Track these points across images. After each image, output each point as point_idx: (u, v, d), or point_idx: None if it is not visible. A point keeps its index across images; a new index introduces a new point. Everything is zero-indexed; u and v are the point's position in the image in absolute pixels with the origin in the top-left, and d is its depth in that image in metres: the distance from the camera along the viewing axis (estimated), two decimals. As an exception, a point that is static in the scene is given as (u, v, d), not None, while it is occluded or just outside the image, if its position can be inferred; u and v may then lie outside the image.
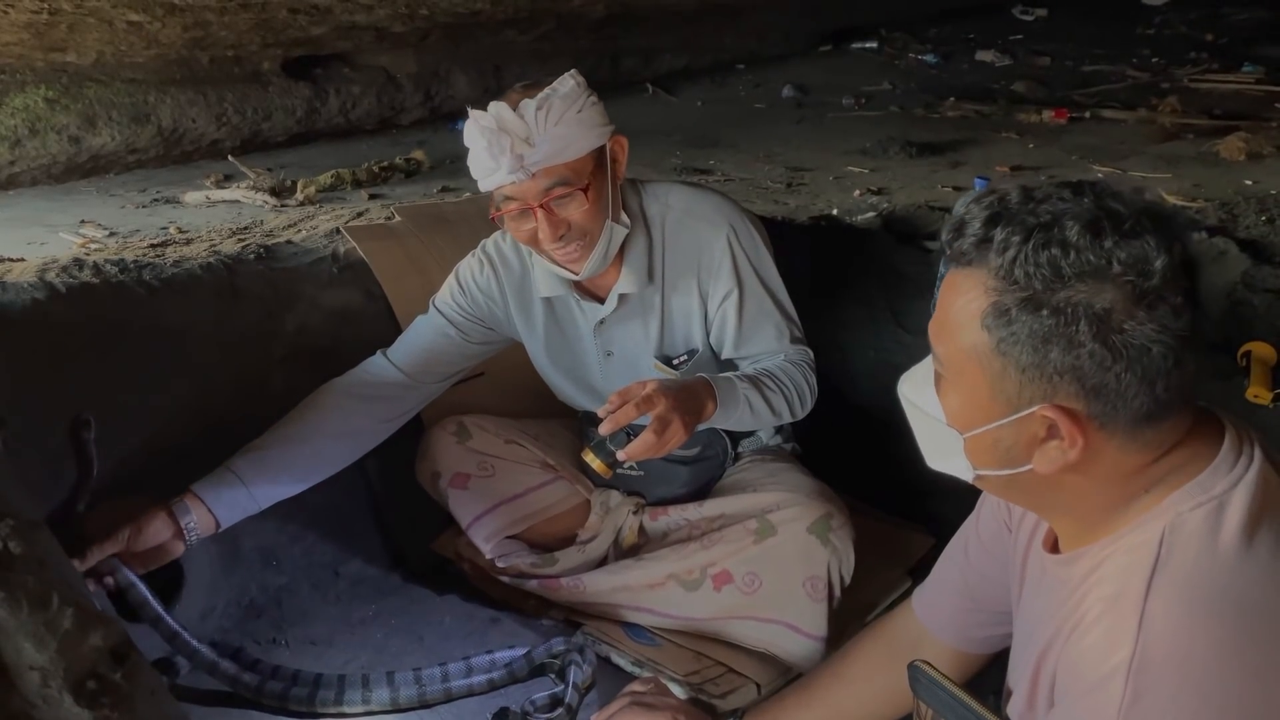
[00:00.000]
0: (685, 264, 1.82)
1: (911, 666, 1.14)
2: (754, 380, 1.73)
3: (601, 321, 1.87)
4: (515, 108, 1.58)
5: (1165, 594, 0.89)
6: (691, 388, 1.63)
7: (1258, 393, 1.94)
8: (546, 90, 1.60)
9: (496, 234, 1.93)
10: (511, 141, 1.57)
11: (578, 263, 1.72)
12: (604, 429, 1.55)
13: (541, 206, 1.63)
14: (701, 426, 1.66)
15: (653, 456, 1.58)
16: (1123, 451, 0.95)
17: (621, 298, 1.83)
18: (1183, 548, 0.91)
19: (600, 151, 1.68)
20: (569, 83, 1.62)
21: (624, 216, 1.76)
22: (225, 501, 1.66)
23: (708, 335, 1.87)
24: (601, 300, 1.85)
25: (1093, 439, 0.93)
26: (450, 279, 1.93)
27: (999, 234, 0.92)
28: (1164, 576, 0.90)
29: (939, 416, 1.03)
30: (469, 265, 1.92)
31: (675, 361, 1.87)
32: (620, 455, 1.56)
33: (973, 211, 0.95)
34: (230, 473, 1.68)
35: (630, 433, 1.57)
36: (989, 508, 1.27)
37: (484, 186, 1.66)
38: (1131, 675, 0.87)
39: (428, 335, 1.89)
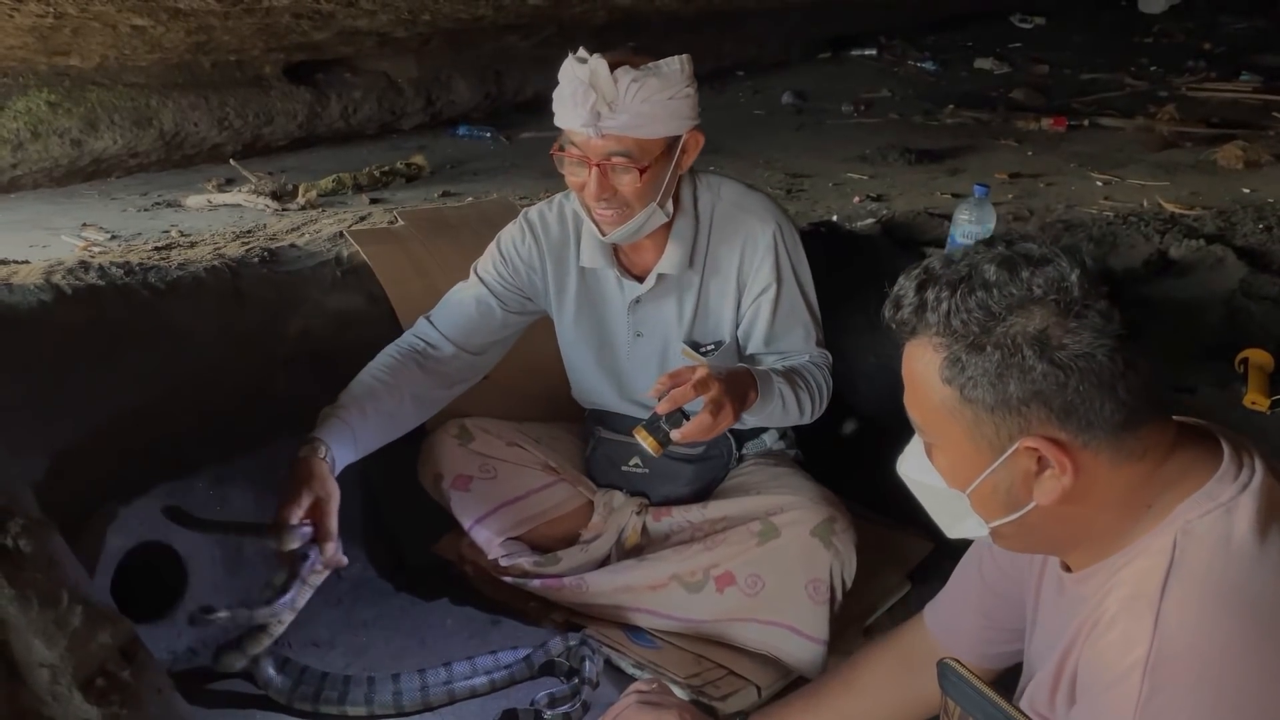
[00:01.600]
0: (728, 253, 1.86)
1: (941, 664, 1.16)
2: (787, 376, 1.76)
3: (637, 300, 1.90)
4: (614, 69, 1.60)
5: (1180, 593, 0.92)
6: (737, 375, 1.66)
7: (1255, 399, 1.95)
8: (650, 65, 1.63)
9: (541, 204, 1.96)
10: (596, 99, 1.60)
11: (609, 225, 1.76)
12: (662, 408, 1.57)
13: (598, 165, 1.67)
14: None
15: (704, 439, 1.62)
16: (1114, 466, 0.98)
17: (660, 278, 1.86)
18: (1196, 550, 0.94)
19: (674, 139, 1.71)
20: (675, 65, 1.65)
21: (670, 205, 1.80)
22: (342, 454, 1.69)
23: (736, 327, 1.90)
24: (640, 279, 1.88)
25: (1080, 459, 0.97)
26: (491, 248, 1.96)
27: (930, 295, 0.98)
28: (1179, 577, 0.93)
29: (940, 484, 1.07)
30: (510, 234, 1.95)
31: (703, 349, 1.90)
32: (675, 435, 1.59)
33: (904, 285, 1.02)
34: (345, 425, 1.71)
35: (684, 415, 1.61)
36: None
37: (557, 121, 1.70)
38: (1148, 671, 0.90)
39: (468, 303, 1.92)
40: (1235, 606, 0.90)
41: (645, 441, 1.61)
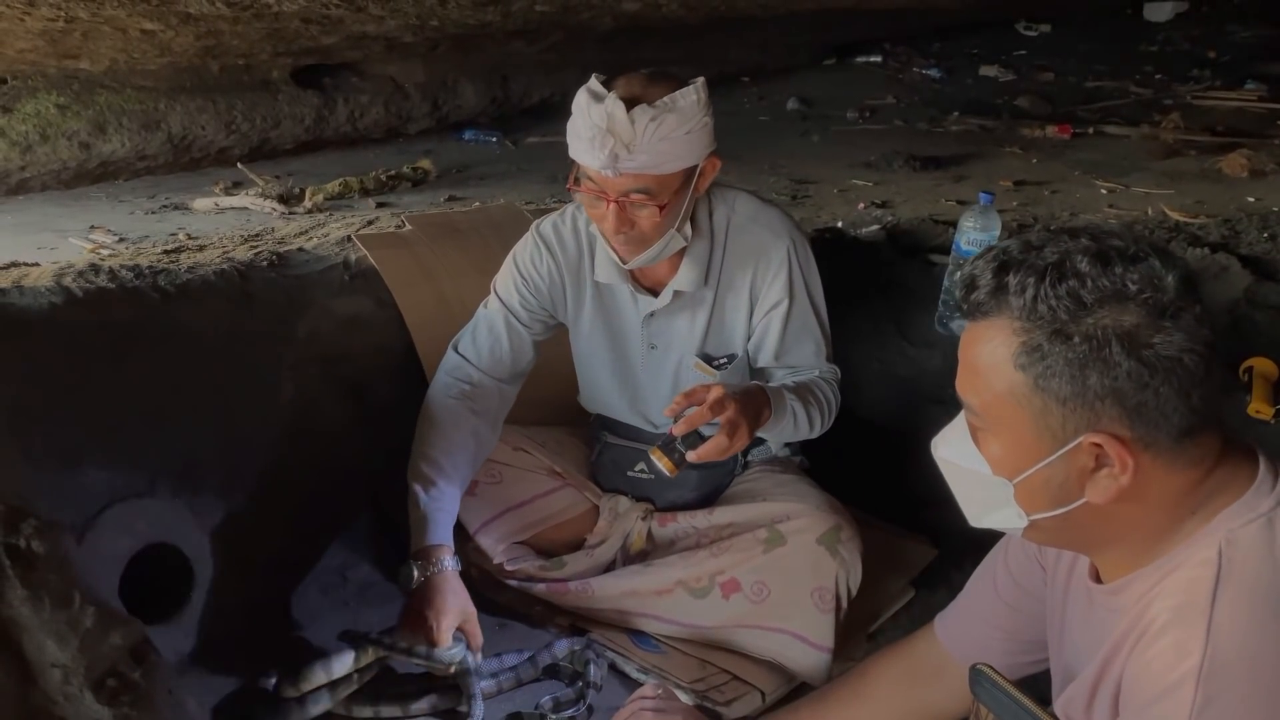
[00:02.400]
0: (742, 268, 1.86)
1: (974, 669, 1.16)
2: (799, 393, 1.77)
3: (651, 314, 1.90)
4: (630, 109, 1.59)
5: (1231, 602, 0.92)
6: (751, 393, 1.66)
7: (1259, 408, 1.96)
8: (665, 100, 1.61)
9: (554, 216, 1.96)
10: (614, 143, 1.60)
11: (629, 254, 1.78)
12: (678, 430, 1.58)
13: (616, 202, 1.67)
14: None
15: (720, 460, 1.62)
16: (1169, 471, 0.97)
17: (676, 294, 1.87)
18: (1243, 560, 0.94)
19: (692, 168, 1.71)
20: (691, 97, 1.63)
21: (687, 229, 1.80)
22: (449, 541, 1.75)
23: (748, 340, 1.90)
24: (655, 294, 1.89)
25: (1140, 461, 0.96)
26: (509, 269, 1.95)
27: (1013, 280, 0.96)
28: (1229, 586, 0.92)
29: (983, 470, 1.05)
30: (527, 252, 1.94)
31: (716, 363, 1.91)
32: (691, 457, 1.59)
33: (979, 267, 0.99)
34: (447, 515, 1.78)
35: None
36: (1017, 542, 1.28)
37: (573, 155, 1.69)
38: (1202, 681, 0.89)
39: (500, 334, 1.93)
40: None
41: (661, 462, 1.61)
